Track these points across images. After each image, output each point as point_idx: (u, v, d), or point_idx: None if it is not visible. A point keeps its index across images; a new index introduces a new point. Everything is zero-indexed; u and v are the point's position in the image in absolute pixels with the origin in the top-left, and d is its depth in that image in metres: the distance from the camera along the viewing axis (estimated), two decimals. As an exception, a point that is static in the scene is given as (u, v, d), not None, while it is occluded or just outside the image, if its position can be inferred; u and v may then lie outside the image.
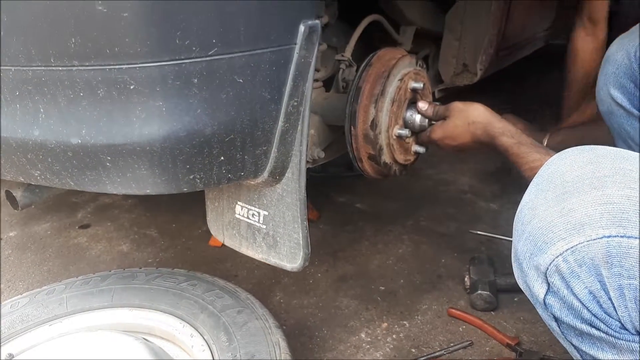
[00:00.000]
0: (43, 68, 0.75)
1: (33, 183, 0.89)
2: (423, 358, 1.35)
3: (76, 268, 1.80)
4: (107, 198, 2.28)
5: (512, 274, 1.54)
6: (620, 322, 0.70)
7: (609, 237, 0.67)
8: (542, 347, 1.37)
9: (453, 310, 1.50)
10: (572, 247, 0.69)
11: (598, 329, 0.72)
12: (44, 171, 0.84)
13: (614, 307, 0.70)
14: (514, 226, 0.81)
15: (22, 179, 0.88)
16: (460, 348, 1.38)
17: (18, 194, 1.08)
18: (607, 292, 0.69)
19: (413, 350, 1.39)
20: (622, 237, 0.66)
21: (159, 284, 1.31)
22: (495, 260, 1.64)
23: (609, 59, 1.45)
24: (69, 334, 1.21)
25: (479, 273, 1.56)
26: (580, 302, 0.72)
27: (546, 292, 0.75)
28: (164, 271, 1.37)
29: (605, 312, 0.71)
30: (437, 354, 1.37)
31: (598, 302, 0.70)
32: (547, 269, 0.73)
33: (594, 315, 0.72)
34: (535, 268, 0.75)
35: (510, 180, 2.11)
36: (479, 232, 1.85)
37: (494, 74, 1.91)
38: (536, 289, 0.77)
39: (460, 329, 1.46)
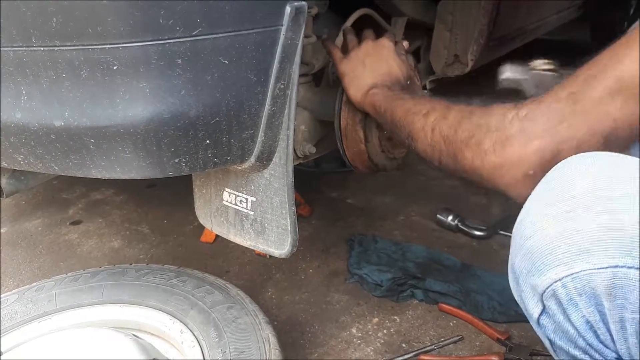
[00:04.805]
0: (24, 48, 0.74)
1: (17, 168, 0.88)
2: (413, 353, 1.35)
3: (67, 265, 1.79)
4: (98, 194, 2.27)
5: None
6: (617, 354, 0.66)
7: (615, 267, 0.61)
8: (532, 341, 1.36)
9: (444, 305, 1.49)
10: (573, 274, 0.64)
11: (592, 357, 0.69)
12: (27, 155, 0.83)
13: (612, 339, 0.65)
14: (512, 236, 0.74)
15: (6, 164, 0.87)
16: (450, 343, 1.38)
17: (3, 181, 1.07)
18: (606, 324, 0.65)
19: (404, 345, 1.39)
20: (630, 267, 0.61)
21: (149, 281, 1.31)
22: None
23: None
24: (58, 331, 1.20)
25: (470, 268, 1.55)
26: (577, 330, 0.68)
27: (541, 313, 0.71)
28: (154, 267, 1.37)
29: (602, 343, 0.67)
30: (427, 348, 1.36)
31: (595, 332, 0.67)
32: (544, 291, 0.68)
33: (590, 345, 0.68)
34: (531, 287, 0.70)
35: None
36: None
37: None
38: (531, 307, 0.73)
39: (451, 323, 1.45)
